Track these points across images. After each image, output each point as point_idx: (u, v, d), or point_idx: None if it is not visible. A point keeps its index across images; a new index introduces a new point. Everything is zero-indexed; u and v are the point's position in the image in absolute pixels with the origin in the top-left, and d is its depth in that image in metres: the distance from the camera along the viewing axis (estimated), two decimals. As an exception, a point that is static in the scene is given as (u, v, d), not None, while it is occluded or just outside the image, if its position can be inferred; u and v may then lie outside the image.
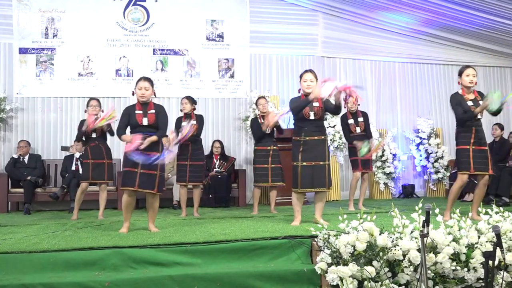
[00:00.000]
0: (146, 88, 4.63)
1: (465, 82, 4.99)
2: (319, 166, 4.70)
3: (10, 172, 7.29)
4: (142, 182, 4.48)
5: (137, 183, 4.48)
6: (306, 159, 4.69)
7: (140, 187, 4.49)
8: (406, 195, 8.70)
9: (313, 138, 4.71)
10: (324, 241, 3.63)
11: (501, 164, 7.22)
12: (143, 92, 4.63)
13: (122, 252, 3.67)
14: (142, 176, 4.48)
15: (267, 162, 6.22)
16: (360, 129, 6.40)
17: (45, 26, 8.08)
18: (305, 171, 4.67)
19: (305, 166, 4.68)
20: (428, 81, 9.41)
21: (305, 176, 4.67)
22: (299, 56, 8.83)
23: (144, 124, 4.58)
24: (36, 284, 3.33)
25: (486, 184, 5.10)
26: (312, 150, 4.69)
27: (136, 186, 4.48)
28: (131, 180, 4.48)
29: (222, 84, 8.54)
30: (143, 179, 4.48)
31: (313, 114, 4.73)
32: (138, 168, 4.48)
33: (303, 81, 4.77)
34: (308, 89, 4.70)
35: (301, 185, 4.70)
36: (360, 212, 3.67)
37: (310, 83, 4.71)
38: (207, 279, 3.49)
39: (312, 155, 4.69)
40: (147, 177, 4.49)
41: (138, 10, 8.36)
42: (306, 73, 4.78)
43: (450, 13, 7.90)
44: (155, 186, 4.53)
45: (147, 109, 4.64)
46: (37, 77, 8.03)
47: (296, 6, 8.78)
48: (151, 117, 4.60)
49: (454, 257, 3.45)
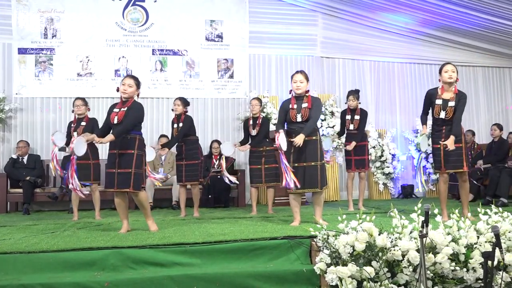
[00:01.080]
0: (129, 85, 4.57)
1: (444, 78, 5.01)
2: (310, 166, 4.69)
3: (9, 172, 7.29)
4: (119, 182, 4.48)
5: (115, 184, 4.48)
6: (297, 160, 4.70)
7: (118, 187, 4.48)
8: (405, 195, 8.71)
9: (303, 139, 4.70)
10: (323, 241, 3.63)
11: (500, 165, 7.22)
12: (125, 88, 4.56)
13: (121, 253, 3.66)
14: (119, 175, 4.48)
15: (260, 162, 6.23)
16: (354, 127, 6.40)
17: (44, 27, 8.08)
18: (296, 172, 4.67)
19: (296, 167, 4.69)
20: (427, 82, 9.41)
21: (297, 177, 4.65)
22: (298, 57, 8.83)
23: (114, 123, 4.55)
24: (35, 284, 3.33)
25: (465, 180, 5.13)
26: (302, 151, 4.68)
27: (115, 186, 4.48)
28: (110, 181, 4.51)
29: (221, 84, 8.55)
30: (119, 179, 4.48)
31: (300, 116, 4.73)
32: (116, 168, 4.48)
33: (293, 81, 4.78)
34: (297, 89, 4.74)
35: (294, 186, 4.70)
36: (359, 212, 3.67)
37: (299, 84, 4.73)
38: (206, 279, 3.49)
39: (303, 156, 4.69)
40: (123, 176, 4.47)
41: (137, 11, 8.36)
42: (297, 74, 4.79)
43: (449, 14, 7.91)
44: (130, 185, 4.47)
45: (123, 106, 4.59)
46: (36, 77, 8.02)
47: (295, 6, 8.78)
48: (120, 115, 4.52)
49: (453, 257, 3.46)
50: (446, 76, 4.98)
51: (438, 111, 5.02)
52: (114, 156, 4.51)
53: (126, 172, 4.46)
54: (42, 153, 7.86)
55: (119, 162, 4.48)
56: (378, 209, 6.18)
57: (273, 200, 6.54)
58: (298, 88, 4.73)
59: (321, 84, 8.82)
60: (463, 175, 5.09)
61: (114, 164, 4.49)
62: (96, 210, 6.05)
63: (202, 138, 7.99)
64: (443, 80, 5.03)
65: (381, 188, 8.75)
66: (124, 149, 4.49)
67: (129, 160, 4.47)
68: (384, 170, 8.71)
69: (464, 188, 5.15)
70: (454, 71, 5.00)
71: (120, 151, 4.49)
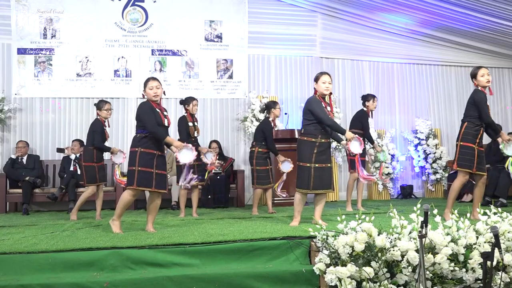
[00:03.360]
0: (157, 87, 4.69)
1: (482, 83, 5.05)
2: (328, 168, 4.74)
3: (8, 172, 7.28)
4: (158, 183, 4.54)
5: (153, 184, 4.52)
6: (319, 161, 4.67)
7: (157, 187, 4.54)
8: (404, 195, 8.71)
9: (327, 141, 4.77)
10: (323, 242, 3.63)
11: (499, 165, 7.21)
12: (158, 92, 4.67)
13: (121, 253, 3.66)
14: (158, 176, 4.55)
15: (267, 163, 6.30)
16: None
17: (43, 27, 8.08)
18: (317, 173, 4.66)
19: (317, 168, 4.66)
20: (427, 82, 9.42)
21: (317, 178, 4.65)
22: (297, 57, 8.83)
23: (165, 125, 4.69)
24: (35, 285, 3.33)
25: (484, 183, 5.13)
26: (325, 152, 4.73)
27: (153, 186, 4.52)
28: (148, 180, 4.50)
29: (221, 84, 8.55)
30: (159, 180, 4.54)
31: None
32: (154, 169, 4.53)
33: (321, 82, 4.73)
34: (326, 90, 4.73)
35: (313, 186, 4.68)
36: (359, 212, 3.67)
37: (328, 85, 4.75)
38: (206, 280, 3.49)
39: (324, 157, 4.72)
40: (162, 177, 4.58)
41: (136, 11, 8.36)
42: (325, 75, 4.76)
43: (448, 14, 7.91)
44: (166, 187, 4.68)
45: (160, 107, 4.73)
46: (35, 77, 8.02)
47: (295, 7, 8.78)
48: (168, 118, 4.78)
49: (452, 258, 3.46)
50: (484, 80, 5.05)
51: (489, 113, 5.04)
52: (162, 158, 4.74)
53: (164, 174, 4.67)
54: (42, 153, 7.86)
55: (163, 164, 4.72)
56: (377, 209, 6.18)
57: (272, 200, 6.54)
58: (327, 89, 4.75)
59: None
60: (484, 178, 5.11)
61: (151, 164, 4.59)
62: (98, 211, 6.06)
63: (201, 138, 7.99)
64: (481, 84, 5.07)
65: (380, 188, 8.76)
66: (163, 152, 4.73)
67: (165, 163, 4.74)
68: (383, 170, 8.71)
69: (481, 189, 5.15)
70: (489, 73, 5.09)
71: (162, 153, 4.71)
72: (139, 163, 4.49)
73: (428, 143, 8.98)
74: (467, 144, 5.01)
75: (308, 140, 4.68)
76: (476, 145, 5.01)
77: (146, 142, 4.54)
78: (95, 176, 5.94)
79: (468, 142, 5.01)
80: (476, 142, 5.01)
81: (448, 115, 9.40)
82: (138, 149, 4.52)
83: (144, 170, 4.48)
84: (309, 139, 4.69)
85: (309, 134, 4.70)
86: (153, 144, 4.56)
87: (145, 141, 4.54)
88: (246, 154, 8.34)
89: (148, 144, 4.53)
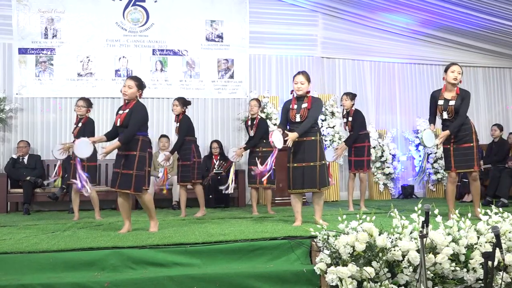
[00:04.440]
0: (129, 86, 4.60)
1: (449, 78, 5.04)
2: (309, 167, 4.72)
3: (10, 172, 7.29)
4: (121, 183, 4.50)
5: (117, 184, 4.50)
6: (296, 161, 4.75)
7: (119, 187, 4.50)
8: (405, 195, 8.71)
9: (302, 140, 4.71)
10: (324, 242, 3.63)
11: (500, 165, 7.22)
12: (125, 90, 4.61)
13: (122, 253, 3.67)
14: (122, 176, 4.50)
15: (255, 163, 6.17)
16: (348, 129, 6.45)
17: (44, 27, 8.08)
18: (295, 172, 4.74)
19: (295, 168, 4.74)
20: (428, 82, 9.41)
21: (296, 177, 4.73)
22: (298, 57, 8.83)
23: (118, 125, 4.62)
24: (35, 284, 3.33)
25: (476, 179, 5.12)
26: (301, 151, 4.72)
27: (117, 186, 4.50)
28: (114, 180, 4.54)
29: (222, 84, 8.54)
30: (122, 180, 4.50)
31: (299, 116, 4.75)
32: (120, 169, 4.51)
33: (294, 82, 4.82)
34: (298, 91, 4.77)
35: (292, 186, 4.77)
36: (360, 212, 3.67)
37: (300, 85, 4.76)
38: (206, 280, 3.49)
39: (301, 156, 4.73)
40: (125, 177, 4.49)
41: (137, 11, 8.36)
42: (298, 75, 4.81)
43: (449, 14, 7.90)
44: (131, 186, 4.49)
45: (126, 108, 4.63)
46: (36, 77, 8.02)
47: (296, 6, 8.78)
48: (123, 117, 4.57)
49: (453, 258, 3.45)
50: (451, 76, 5.01)
51: (441, 112, 5.06)
52: (121, 157, 4.56)
53: (128, 174, 4.48)
54: (43, 153, 7.85)
55: (124, 163, 4.51)
56: (378, 209, 6.18)
57: (271, 201, 6.53)
58: (299, 89, 4.76)
59: (321, 84, 8.82)
60: (474, 175, 5.09)
61: (119, 165, 4.54)
62: (96, 211, 6.05)
63: (202, 138, 8.00)
64: (448, 79, 5.05)
65: (382, 188, 8.75)
66: (128, 150, 4.52)
67: (131, 162, 4.49)
68: (384, 170, 8.71)
69: (475, 187, 5.15)
70: (460, 72, 5.03)
71: (125, 152, 4.53)
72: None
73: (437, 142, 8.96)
74: (443, 146, 5.13)
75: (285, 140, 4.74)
76: (452, 144, 5.02)
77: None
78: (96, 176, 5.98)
79: (443, 144, 5.09)
80: (451, 141, 5.02)
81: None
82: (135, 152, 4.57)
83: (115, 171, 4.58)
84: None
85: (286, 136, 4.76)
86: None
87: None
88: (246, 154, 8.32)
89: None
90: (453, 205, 5.07)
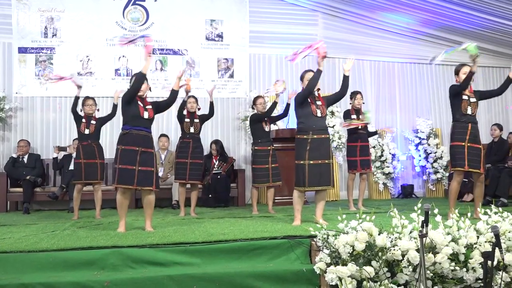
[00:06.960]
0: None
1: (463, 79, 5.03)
2: (325, 164, 4.72)
3: (9, 171, 7.29)
4: (140, 180, 4.46)
5: (135, 181, 4.46)
6: (313, 158, 4.68)
7: (139, 184, 4.48)
8: (405, 195, 8.71)
9: (320, 137, 4.73)
10: (323, 241, 3.63)
11: (500, 165, 7.22)
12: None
13: (121, 252, 3.66)
14: (140, 173, 4.47)
15: (267, 162, 6.23)
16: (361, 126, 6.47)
17: (44, 26, 8.08)
18: (312, 169, 4.66)
19: (312, 165, 4.67)
20: (428, 82, 9.41)
21: (313, 174, 4.66)
22: (298, 56, 8.81)
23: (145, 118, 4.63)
24: (35, 283, 3.33)
25: (482, 181, 5.12)
26: (319, 148, 4.70)
27: (135, 184, 4.47)
28: (129, 178, 4.45)
29: (222, 84, 8.54)
30: (141, 177, 4.47)
31: (319, 112, 4.76)
32: (136, 166, 4.46)
33: (305, 79, 4.89)
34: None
35: (308, 183, 4.68)
36: (359, 212, 3.67)
37: None
38: (206, 279, 3.49)
39: (319, 153, 4.69)
40: (145, 174, 4.48)
41: (137, 10, 8.36)
42: (309, 73, 4.92)
43: (450, 14, 7.90)
44: (153, 183, 4.52)
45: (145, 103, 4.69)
46: (36, 76, 8.02)
47: (296, 6, 8.78)
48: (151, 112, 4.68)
49: (453, 257, 3.45)
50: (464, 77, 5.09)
51: (466, 107, 5.03)
52: (133, 153, 4.47)
53: (148, 171, 4.50)
54: (42, 152, 7.86)
55: (140, 160, 4.46)
56: (378, 209, 6.18)
57: (273, 200, 6.54)
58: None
59: (321, 84, 8.72)
60: (480, 176, 5.09)
61: (134, 161, 4.45)
62: (97, 210, 6.05)
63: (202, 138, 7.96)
64: (461, 80, 5.12)
65: (381, 188, 8.76)
66: (145, 147, 4.53)
67: (150, 159, 4.53)
68: (384, 170, 8.72)
69: (480, 189, 5.14)
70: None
71: (142, 148, 4.50)
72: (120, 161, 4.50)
73: (429, 143, 8.98)
74: (456, 143, 5.05)
75: (301, 138, 4.73)
76: (467, 142, 5.00)
77: (126, 139, 4.52)
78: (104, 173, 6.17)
79: (457, 141, 5.04)
80: (466, 139, 5.00)
81: (449, 114, 9.12)
82: (119, 146, 4.53)
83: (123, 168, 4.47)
84: (301, 137, 4.73)
85: (301, 131, 4.76)
86: (134, 140, 4.51)
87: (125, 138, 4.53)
88: (247, 153, 8.35)
89: (129, 140, 4.50)
90: (454, 204, 5.07)
